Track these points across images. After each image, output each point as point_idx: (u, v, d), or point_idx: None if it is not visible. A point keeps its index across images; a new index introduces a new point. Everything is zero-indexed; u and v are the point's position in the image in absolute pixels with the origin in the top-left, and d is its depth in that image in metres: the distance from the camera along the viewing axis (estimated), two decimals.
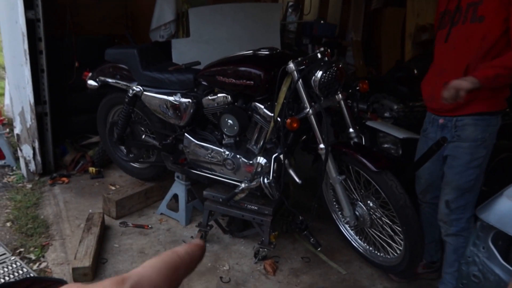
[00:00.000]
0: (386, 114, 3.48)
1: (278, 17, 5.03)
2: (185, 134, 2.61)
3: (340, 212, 2.53)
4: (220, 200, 2.49)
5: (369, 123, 3.05)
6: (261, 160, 2.32)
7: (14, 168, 3.55)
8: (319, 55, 2.23)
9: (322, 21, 6.15)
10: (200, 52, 4.30)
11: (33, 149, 3.30)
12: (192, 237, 2.69)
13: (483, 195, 1.95)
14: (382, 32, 6.80)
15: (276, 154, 2.27)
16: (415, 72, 3.98)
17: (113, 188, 3.27)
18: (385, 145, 3.03)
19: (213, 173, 2.59)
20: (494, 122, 1.91)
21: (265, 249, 2.44)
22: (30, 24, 3.15)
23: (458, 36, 1.92)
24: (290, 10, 5.99)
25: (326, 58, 2.24)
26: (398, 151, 2.95)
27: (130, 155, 3.09)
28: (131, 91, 2.71)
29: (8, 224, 2.77)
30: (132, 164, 3.14)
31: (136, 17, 4.51)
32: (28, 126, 3.25)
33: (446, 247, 2.09)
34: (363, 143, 2.31)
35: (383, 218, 2.24)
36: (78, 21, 3.74)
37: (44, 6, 3.21)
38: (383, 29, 6.79)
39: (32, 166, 3.33)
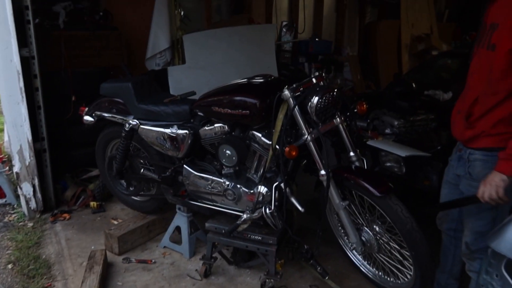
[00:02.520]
0: (387, 131, 3.43)
1: (273, 38, 5.04)
2: (184, 165, 2.58)
3: (346, 238, 2.46)
4: (223, 231, 2.44)
5: (370, 142, 3.01)
6: (262, 189, 2.27)
7: (15, 206, 3.51)
8: (314, 80, 2.20)
9: (317, 39, 6.17)
10: (197, 78, 4.30)
11: (33, 186, 3.27)
12: (196, 270, 2.63)
13: None
14: (378, 45, 6.83)
15: (277, 183, 2.22)
16: (414, 86, 3.95)
17: (115, 222, 3.22)
18: (388, 164, 2.98)
19: (214, 204, 2.55)
20: None
21: (272, 280, 2.37)
22: (25, 62, 3.16)
23: (477, 60, 1.72)
24: (284, 29, 6.02)
25: (322, 83, 2.21)
26: (402, 169, 2.90)
27: (130, 189, 3.05)
28: (127, 125, 2.68)
29: (10, 266, 2.72)
30: (133, 197, 3.10)
31: (132, 47, 4.52)
32: (27, 163, 3.23)
33: (471, 280, 1.99)
34: (365, 166, 2.27)
35: (390, 243, 2.17)
36: (74, 55, 3.74)
37: (38, 42, 3.22)
38: (378, 42, 6.82)
39: (33, 204, 3.30)
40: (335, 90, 2.16)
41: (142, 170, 2.87)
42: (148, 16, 4.65)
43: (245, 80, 2.34)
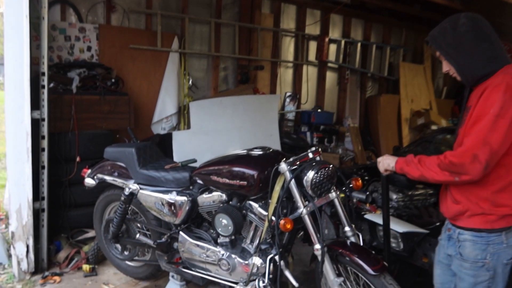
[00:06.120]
0: None
1: (276, 107, 5.22)
2: (180, 232, 2.57)
3: None
4: None
5: (367, 216, 3.00)
6: (257, 260, 2.25)
7: (6, 266, 3.45)
8: (310, 155, 2.27)
9: (319, 110, 6.38)
10: (200, 143, 4.40)
11: (27, 246, 3.23)
12: None
13: None
14: (379, 117, 7.02)
15: (272, 255, 2.20)
16: None
17: (106, 287, 3.13)
18: None
19: (208, 273, 2.50)
20: (496, 240, 1.71)
21: None
22: (35, 123, 3.28)
23: (457, 139, 1.83)
24: (288, 100, 6.25)
25: (318, 157, 2.28)
26: (400, 245, 2.87)
27: (125, 253, 3.01)
28: (127, 190, 2.72)
29: None
30: (127, 262, 3.05)
31: (139, 111, 4.70)
32: (24, 223, 3.22)
33: None
34: (360, 241, 2.26)
35: None
36: (83, 117, 3.87)
37: (50, 105, 3.37)
38: (379, 115, 7.02)
39: (24, 265, 3.24)
40: (331, 165, 2.22)
41: (138, 235, 2.86)
42: (157, 83, 4.89)
43: (244, 151, 2.41)
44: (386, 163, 1.99)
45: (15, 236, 3.22)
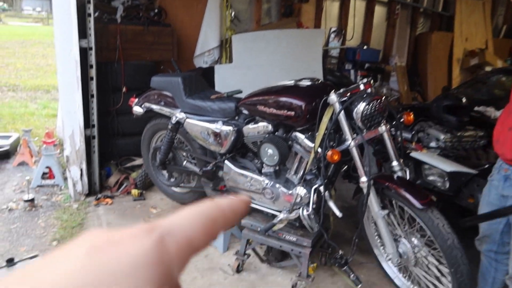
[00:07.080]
0: (432, 144, 3.34)
1: (320, 43, 5.04)
2: (226, 161, 2.63)
3: (382, 248, 2.42)
4: (258, 229, 2.46)
5: (413, 154, 2.94)
6: (301, 190, 2.28)
7: (62, 187, 3.70)
8: (361, 87, 2.19)
9: (365, 47, 6.10)
10: (242, 77, 4.37)
11: (81, 170, 3.44)
12: (229, 264, 2.67)
13: None
14: (428, 56, 6.65)
15: (316, 186, 2.22)
16: (464, 100, 3.82)
17: (154, 211, 3.32)
18: (431, 178, 2.90)
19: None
20: None
21: (303, 282, 2.37)
22: (83, 52, 3.33)
23: None
24: (332, 35, 5.99)
25: (369, 90, 2.20)
26: (445, 185, 2.82)
27: (171, 180, 3.14)
28: (174, 118, 2.77)
29: (54, 243, 2.87)
30: (173, 188, 3.19)
31: (182, 43, 4.66)
32: (77, 148, 3.40)
33: None
34: (407, 177, 2.22)
35: (429, 258, 2.12)
36: (127, 47, 3.89)
37: (96, 34, 3.40)
38: (429, 53, 6.64)
39: (79, 187, 3.46)
40: (383, 97, 2.14)
41: (184, 163, 2.95)
42: (199, 16, 4.78)
43: (292, 81, 2.36)
44: None
45: (69, 160, 3.42)
